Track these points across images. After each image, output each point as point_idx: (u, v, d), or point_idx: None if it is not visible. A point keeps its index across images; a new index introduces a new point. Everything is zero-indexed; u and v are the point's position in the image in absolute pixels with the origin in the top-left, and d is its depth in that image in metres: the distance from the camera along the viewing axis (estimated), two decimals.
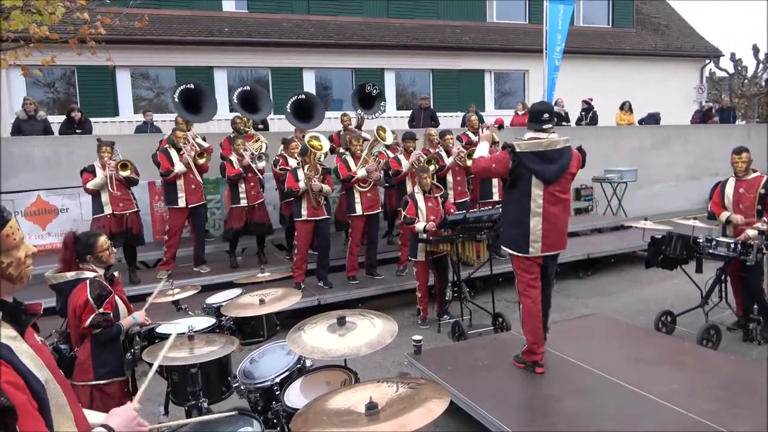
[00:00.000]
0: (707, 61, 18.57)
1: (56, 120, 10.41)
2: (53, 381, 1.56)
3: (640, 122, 14.23)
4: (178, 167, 6.79)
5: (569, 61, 11.35)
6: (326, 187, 6.60)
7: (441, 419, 1.79)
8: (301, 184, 6.49)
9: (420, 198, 6.15)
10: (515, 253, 4.13)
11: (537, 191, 3.98)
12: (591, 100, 13.63)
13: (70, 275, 3.17)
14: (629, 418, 3.51)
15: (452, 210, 6.24)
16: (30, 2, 9.26)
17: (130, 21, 10.69)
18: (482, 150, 4.43)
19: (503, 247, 4.34)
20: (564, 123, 12.92)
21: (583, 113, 13.65)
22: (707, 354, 4.74)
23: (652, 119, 14.24)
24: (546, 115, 4.05)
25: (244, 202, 7.15)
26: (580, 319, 5.87)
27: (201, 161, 6.95)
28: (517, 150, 3.98)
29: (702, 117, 14.98)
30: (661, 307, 6.01)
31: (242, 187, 7.15)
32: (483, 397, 3.82)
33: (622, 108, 13.82)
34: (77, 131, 9.51)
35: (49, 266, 3.31)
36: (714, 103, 18.09)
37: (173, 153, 6.86)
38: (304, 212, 6.59)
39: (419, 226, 5.94)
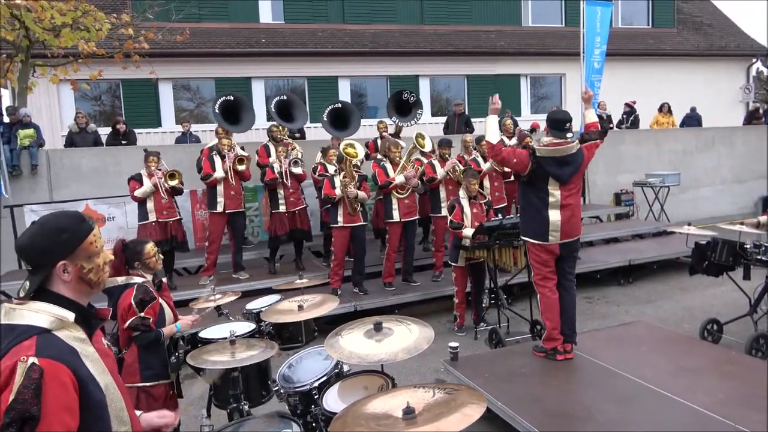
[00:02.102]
0: (754, 60, 17.91)
1: (103, 132, 10.83)
2: (113, 385, 1.64)
3: (681, 124, 13.82)
4: (218, 173, 6.98)
5: (608, 63, 11.14)
6: (362, 194, 6.66)
7: (477, 425, 1.80)
8: (338, 191, 6.58)
9: (465, 203, 6.13)
10: (535, 242, 4.46)
11: (554, 188, 4.40)
12: (634, 103, 13.33)
13: (120, 280, 3.30)
14: (672, 428, 3.42)
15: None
16: (79, 20, 9.71)
17: (172, 35, 11.08)
18: (492, 126, 4.62)
19: (523, 237, 4.64)
20: (609, 127, 12.67)
21: (624, 116, 13.37)
22: (756, 364, 4.55)
23: (694, 121, 13.80)
24: (568, 125, 4.41)
25: (283, 208, 7.25)
26: (621, 326, 5.73)
27: (241, 168, 7.11)
28: (537, 154, 4.37)
29: (748, 118, 14.46)
30: (706, 315, 5.82)
31: (281, 192, 7.26)
32: (520, 403, 3.79)
33: (660, 110, 13.47)
34: (123, 142, 9.88)
35: None
36: (762, 104, 17.43)
37: (217, 159, 7.07)
38: (340, 219, 6.66)
39: (467, 232, 5.90)
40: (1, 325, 1.52)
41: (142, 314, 3.21)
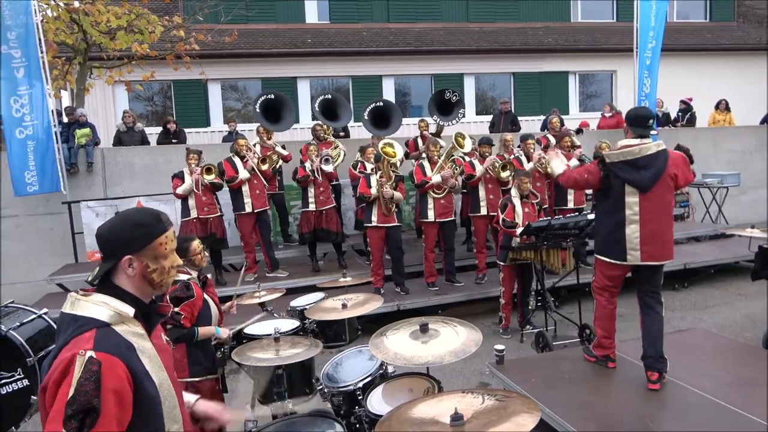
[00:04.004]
0: None
1: (154, 131, 11.16)
2: (168, 383, 1.64)
3: (762, 122, 13.04)
4: (243, 174, 6.98)
5: (663, 58, 10.70)
6: (397, 194, 6.56)
7: None
8: (373, 190, 6.53)
9: (517, 202, 6.01)
10: (612, 261, 3.94)
11: (632, 199, 3.82)
12: (690, 100, 12.76)
13: None
14: None
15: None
16: (133, 23, 10.05)
17: (221, 36, 11.32)
18: (558, 167, 4.31)
19: (598, 256, 4.10)
20: (668, 126, 12.19)
21: (680, 114, 12.81)
22: None
23: None
24: (651, 121, 3.92)
25: (312, 206, 7.20)
26: (676, 333, 5.47)
27: (264, 167, 7.14)
28: (608, 160, 3.86)
29: None
30: None
31: (311, 191, 7.21)
32: (570, 411, 3.64)
33: (717, 107, 12.83)
34: (173, 141, 10.15)
35: None
36: None
37: (237, 161, 7.07)
38: (374, 218, 6.60)
39: (520, 231, 5.78)
40: (66, 314, 1.56)
41: (177, 309, 3.23)
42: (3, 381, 3.10)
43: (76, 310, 1.55)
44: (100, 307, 1.56)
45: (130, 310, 1.59)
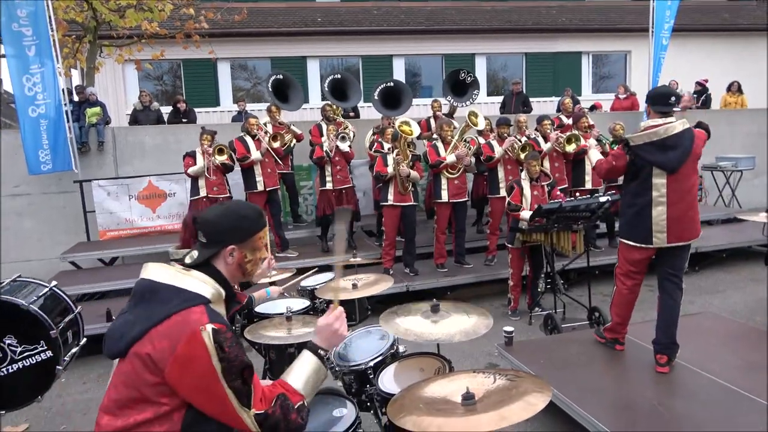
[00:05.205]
0: None
1: (164, 110, 11.16)
2: None
3: None
4: (255, 155, 6.98)
5: (677, 39, 10.52)
6: (414, 173, 6.56)
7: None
8: (390, 169, 6.52)
9: (526, 185, 5.97)
10: (635, 245, 3.89)
11: (659, 180, 3.75)
12: (705, 81, 12.56)
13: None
14: (741, 425, 3.23)
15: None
16: (142, 0, 9.99)
17: (230, 15, 11.24)
18: (595, 156, 4.40)
19: (622, 240, 4.01)
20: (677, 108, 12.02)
21: (695, 96, 12.63)
22: None
23: None
24: (673, 99, 3.82)
25: (330, 185, 7.23)
26: (686, 317, 5.42)
27: (275, 145, 7.14)
28: (632, 143, 3.79)
29: None
30: None
31: (329, 170, 7.23)
32: (580, 394, 3.66)
33: (729, 89, 12.63)
34: (183, 120, 10.14)
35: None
36: None
37: (248, 140, 7.08)
38: (390, 197, 6.60)
39: (525, 214, 5.74)
40: (161, 284, 1.61)
41: None
42: (27, 353, 3.16)
43: (178, 282, 1.61)
44: (203, 284, 1.64)
45: (223, 293, 1.69)
